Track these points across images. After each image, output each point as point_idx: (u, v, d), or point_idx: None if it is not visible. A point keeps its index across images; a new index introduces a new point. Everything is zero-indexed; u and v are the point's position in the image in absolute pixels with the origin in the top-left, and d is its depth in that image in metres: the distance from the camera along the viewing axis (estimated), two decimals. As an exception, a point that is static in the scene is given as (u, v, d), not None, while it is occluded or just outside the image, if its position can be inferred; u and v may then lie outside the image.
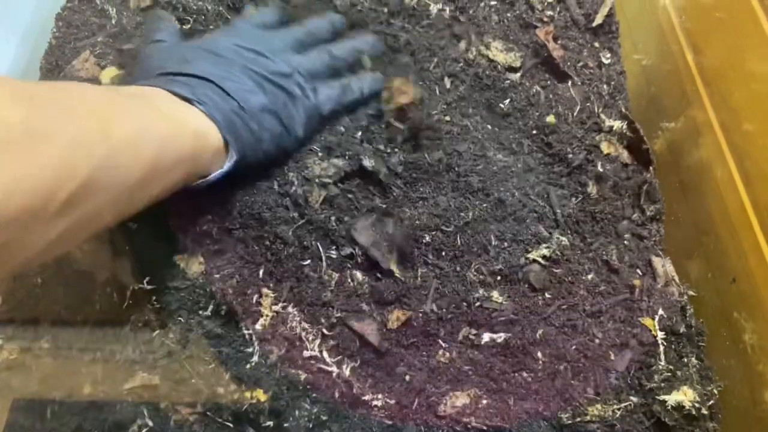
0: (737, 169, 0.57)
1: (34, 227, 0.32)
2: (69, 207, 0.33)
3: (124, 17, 0.64)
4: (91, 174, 0.34)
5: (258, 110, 0.47)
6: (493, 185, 0.58)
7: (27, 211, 0.31)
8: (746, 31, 0.57)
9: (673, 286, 0.57)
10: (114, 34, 0.64)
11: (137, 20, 0.64)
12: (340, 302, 0.52)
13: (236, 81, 0.46)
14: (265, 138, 0.49)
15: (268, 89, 0.48)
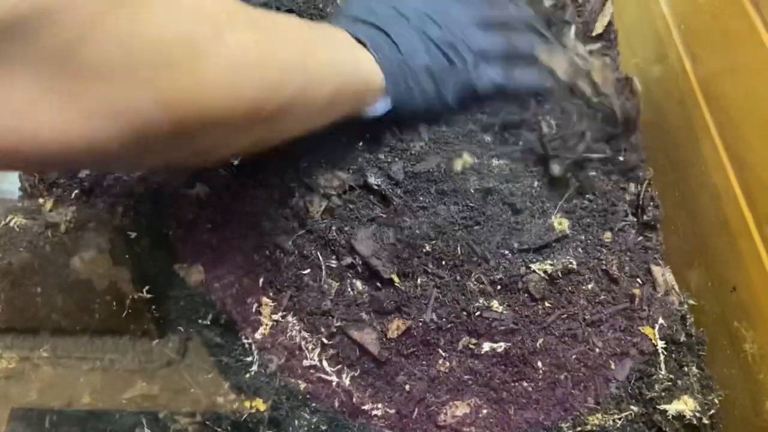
0: (736, 178, 0.57)
1: (247, 129, 0.40)
2: (269, 119, 0.40)
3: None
4: (291, 95, 0.41)
5: (419, 70, 0.52)
6: (493, 194, 0.58)
7: (245, 116, 0.38)
8: (743, 39, 0.57)
9: (673, 295, 0.57)
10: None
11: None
12: (339, 311, 0.52)
13: (408, 39, 0.51)
14: (418, 96, 0.53)
15: (433, 54, 0.52)
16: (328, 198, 0.56)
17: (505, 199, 0.58)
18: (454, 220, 0.56)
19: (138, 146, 0.34)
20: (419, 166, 0.58)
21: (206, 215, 0.54)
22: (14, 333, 0.53)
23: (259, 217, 0.54)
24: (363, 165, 0.58)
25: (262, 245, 0.53)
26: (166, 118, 0.34)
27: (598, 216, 0.59)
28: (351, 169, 0.57)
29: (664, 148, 0.68)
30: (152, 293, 0.51)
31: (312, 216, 0.55)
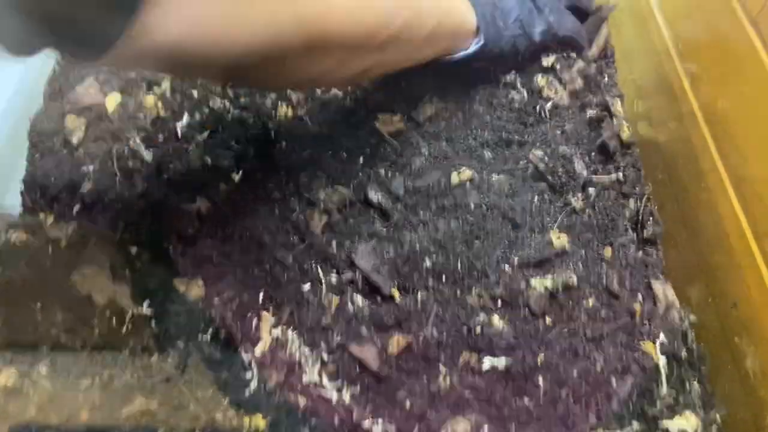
0: (735, 194, 0.57)
1: (362, 54, 0.47)
2: (382, 46, 0.47)
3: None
4: (400, 27, 0.47)
5: (507, 11, 0.58)
6: (492, 209, 0.58)
7: (362, 41, 0.45)
8: (742, 57, 0.58)
9: (674, 311, 0.56)
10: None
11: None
12: (339, 327, 0.52)
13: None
14: (507, 35, 0.59)
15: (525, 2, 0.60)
16: (328, 213, 0.56)
17: (504, 214, 0.58)
18: (454, 235, 0.56)
19: (278, 59, 0.41)
20: (419, 182, 0.59)
21: (207, 230, 0.54)
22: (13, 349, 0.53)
23: (260, 232, 0.54)
24: (363, 180, 0.58)
25: (262, 260, 0.53)
26: (302, 33, 0.40)
27: (598, 231, 0.60)
28: (352, 183, 0.58)
29: (662, 165, 0.68)
30: (152, 308, 0.51)
31: (312, 230, 0.55)
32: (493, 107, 0.65)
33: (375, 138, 0.61)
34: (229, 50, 0.39)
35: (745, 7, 0.58)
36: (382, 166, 0.59)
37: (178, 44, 0.36)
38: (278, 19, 0.39)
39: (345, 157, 0.60)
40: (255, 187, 0.57)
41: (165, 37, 0.35)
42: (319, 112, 0.63)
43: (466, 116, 0.64)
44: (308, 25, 0.41)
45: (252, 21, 0.39)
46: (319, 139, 0.61)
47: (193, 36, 0.36)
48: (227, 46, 0.38)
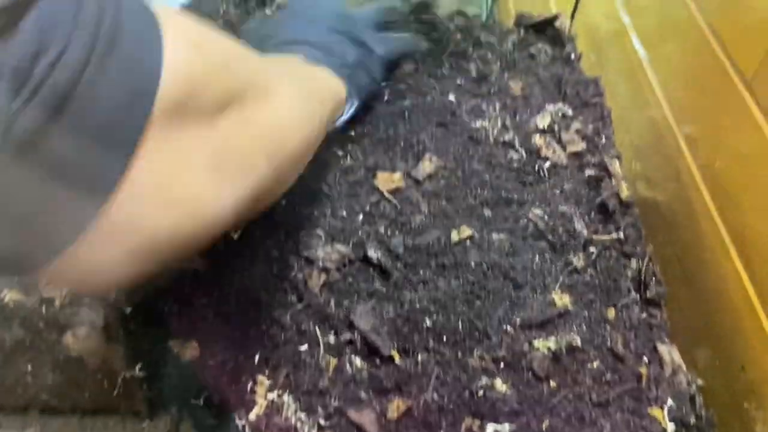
0: (738, 256, 0.57)
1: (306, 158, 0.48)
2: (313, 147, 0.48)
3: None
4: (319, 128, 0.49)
5: (354, 65, 0.60)
6: (493, 268, 0.58)
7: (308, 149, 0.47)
8: (737, 121, 0.59)
9: (681, 375, 0.55)
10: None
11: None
12: (337, 390, 0.51)
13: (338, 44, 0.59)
14: (364, 87, 0.62)
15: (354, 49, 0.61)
16: (327, 271, 0.55)
17: (505, 274, 0.58)
18: (454, 295, 0.55)
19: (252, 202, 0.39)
20: (419, 240, 0.58)
21: (203, 289, 0.53)
22: (3, 412, 0.51)
23: (257, 291, 0.53)
24: (363, 238, 0.58)
25: (259, 320, 0.52)
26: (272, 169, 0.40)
27: (601, 292, 0.59)
28: (351, 242, 0.57)
29: (663, 225, 0.68)
30: (145, 371, 0.50)
31: (311, 289, 0.54)
32: (492, 166, 0.66)
33: (374, 196, 0.62)
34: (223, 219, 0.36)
35: (739, 70, 0.59)
36: (381, 224, 0.59)
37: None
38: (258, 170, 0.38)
39: (344, 216, 0.60)
40: (253, 245, 0.57)
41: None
42: (318, 171, 0.63)
43: (466, 175, 0.65)
44: (275, 160, 0.40)
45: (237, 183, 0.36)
46: (318, 197, 0.61)
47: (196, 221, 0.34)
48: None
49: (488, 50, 0.79)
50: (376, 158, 0.65)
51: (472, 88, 0.74)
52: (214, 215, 0.35)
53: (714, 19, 0.64)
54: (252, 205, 0.39)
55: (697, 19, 0.67)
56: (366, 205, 0.61)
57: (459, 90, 0.73)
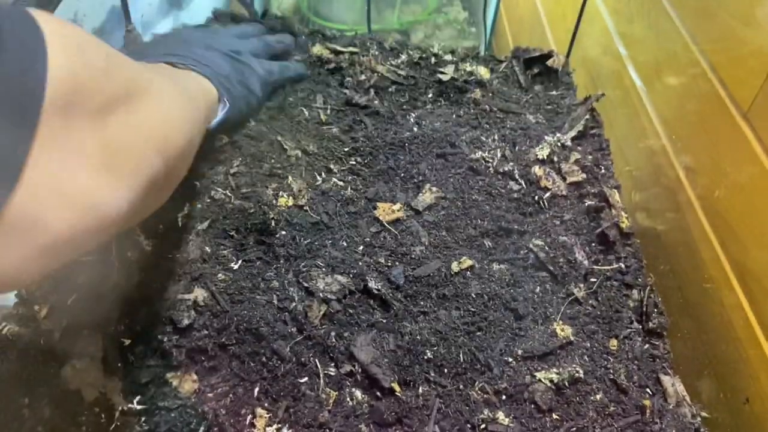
0: (740, 286, 0.56)
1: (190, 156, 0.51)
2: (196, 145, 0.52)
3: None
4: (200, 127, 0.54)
5: (227, 75, 0.63)
6: (495, 299, 0.57)
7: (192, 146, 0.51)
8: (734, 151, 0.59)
9: (685, 407, 0.54)
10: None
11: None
12: (338, 423, 0.50)
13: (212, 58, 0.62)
14: (238, 97, 0.64)
15: (231, 64, 0.65)
16: (327, 302, 0.55)
17: (506, 305, 0.57)
18: (455, 326, 0.55)
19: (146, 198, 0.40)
20: (420, 270, 0.58)
21: (203, 320, 0.53)
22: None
23: (257, 323, 0.53)
24: (363, 269, 0.58)
25: (258, 352, 0.52)
26: (162, 163, 0.42)
27: (602, 323, 0.58)
28: (351, 273, 0.57)
29: (664, 255, 0.68)
30: (142, 404, 0.49)
31: (311, 321, 0.54)
32: (492, 197, 0.66)
33: (375, 227, 0.62)
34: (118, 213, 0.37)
35: (736, 102, 0.59)
36: (381, 255, 0.59)
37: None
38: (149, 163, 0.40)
39: (344, 246, 0.60)
40: (253, 276, 0.57)
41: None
42: (318, 202, 0.63)
43: (466, 205, 0.65)
44: (165, 153, 0.43)
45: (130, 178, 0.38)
46: (318, 228, 0.61)
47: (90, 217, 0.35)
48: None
49: (486, 83, 0.80)
50: (377, 189, 0.65)
51: (470, 120, 0.74)
52: (110, 211, 0.36)
53: (710, 52, 0.65)
54: (146, 200, 0.41)
55: (694, 51, 0.68)
56: (366, 236, 0.61)
57: (458, 122, 0.74)
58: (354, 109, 0.74)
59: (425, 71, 0.82)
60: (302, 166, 0.66)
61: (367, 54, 0.82)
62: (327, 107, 0.74)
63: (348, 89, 0.77)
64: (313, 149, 0.68)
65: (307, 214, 0.62)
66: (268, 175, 0.64)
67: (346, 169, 0.67)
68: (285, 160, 0.66)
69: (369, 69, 0.79)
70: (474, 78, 0.80)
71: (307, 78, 0.78)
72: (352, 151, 0.69)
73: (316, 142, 0.69)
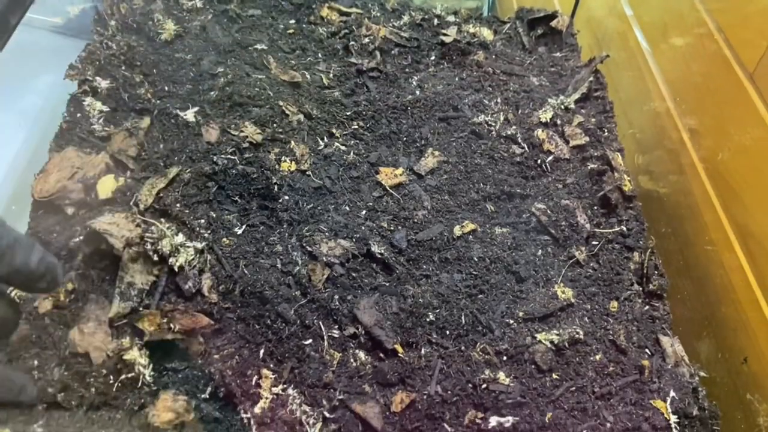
0: (740, 247, 0.57)
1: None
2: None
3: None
4: None
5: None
6: (496, 262, 0.58)
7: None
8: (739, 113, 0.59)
9: (684, 367, 0.55)
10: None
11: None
12: (342, 383, 0.51)
13: None
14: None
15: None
16: (330, 267, 0.56)
17: (508, 268, 0.58)
18: (457, 289, 0.56)
19: None
20: (422, 235, 0.58)
21: (208, 284, 0.54)
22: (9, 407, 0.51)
23: (262, 286, 0.53)
24: (366, 233, 0.58)
25: (263, 315, 0.53)
26: None
27: (603, 285, 0.59)
28: (354, 237, 0.57)
29: (665, 217, 0.68)
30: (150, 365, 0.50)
31: (315, 285, 0.54)
32: (495, 160, 0.66)
33: (377, 191, 0.62)
34: None
35: (741, 63, 0.59)
36: (384, 220, 0.59)
37: None
38: None
39: (347, 211, 0.60)
40: (257, 241, 0.57)
41: None
42: (321, 166, 0.63)
43: (468, 169, 0.65)
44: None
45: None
46: (321, 193, 0.61)
47: None
48: None
49: (489, 45, 0.79)
50: (379, 153, 0.65)
51: (473, 83, 0.74)
52: None
53: (717, 12, 0.64)
54: None
55: (700, 11, 0.66)
56: (369, 201, 0.61)
57: (461, 84, 0.73)
58: (356, 72, 0.73)
59: (428, 33, 0.81)
60: (304, 130, 0.66)
61: (370, 16, 0.81)
62: (329, 71, 0.73)
63: (351, 52, 0.76)
64: (315, 113, 0.68)
65: (309, 179, 0.62)
66: (270, 140, 0.64)
67: (349, 134, 0.67)
68: (287, 125, 0.66)
69: (372, 32, 0.78)
70: (477, 40, 0.79)
71: None
72: (355, 115, 0.68)
73: (318, 107, 0.69)
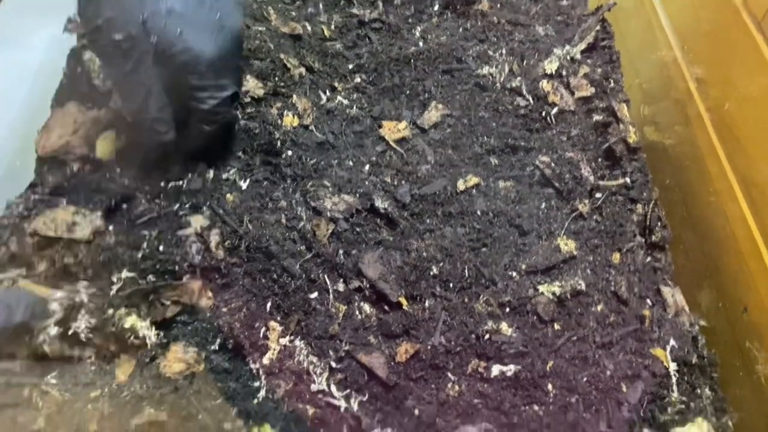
0: (744, 198, 0.57)
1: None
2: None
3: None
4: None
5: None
6: (499, 216, 0.58)
7: None
8: (747, 61, 0.58)
9: (684, 316, 0.56)
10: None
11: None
12: (347, 335, 0.52)
13: None
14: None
15: None
16: (335, 221, 0.56)
17: (511, 221, 0.58)
18: (461, 243, 0.56)
19: None
20: (425, 189, 0.59)
21: (214, 240, 0.54)
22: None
23: (267, 241, 0.54)
24: (370, 188, 0.58)
25: (269, 269, 0.54)
26: None
27: (606, 237, 0.59)
28: (358, 192, 0.58)
29: (670, 169, 0.68)
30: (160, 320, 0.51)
31: (319, 240, 0.55)
32: (499, 113, 0.65)
33: (380, 146, 0.62)
34: None
35: (751, 11, 0.57)
36: (387, 174, 0.59)
37: None
38: None
39: (350, 166, 0.60)
40: (261, 196, 0.58)
41: None
42: (324, 121, 0.63)
43: (472, 123, 0.64)
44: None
45: None
46: (324, 148, 0.61)
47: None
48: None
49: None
50: (382, 107, 0.65)
51: (477, 33, 0.72)
52: None
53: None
54: None
55: (710, -44, 0.65)
56: (372, 155, 0.61)
57: (464, 35, 0.72)
58: (358, 23, 0.72)
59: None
60: (306, 84, 0.65)
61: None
62: (331, 22, 0.72)
63: (352, 2, 0.74)
64: (317, 67, 0.67)
65: (312, 134, 0.61)
66: (272, 95, 0.64)
67: (351, 87, 0.66)
68: (289, 79, 0.65)
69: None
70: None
71: None
72: (357, 68, 0.68)
73: (320, 59, 0.68)
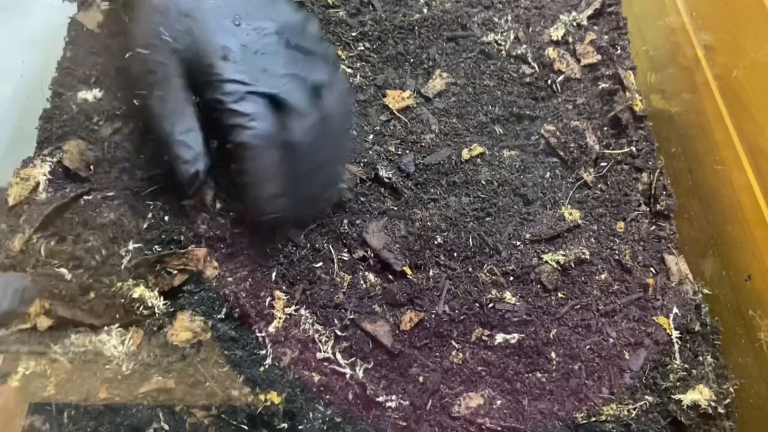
0: (750, 166, 0.56)
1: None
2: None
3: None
4: None
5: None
6: (504, 185, 0.58)
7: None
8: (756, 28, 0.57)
9: (688, 284, 0.56)
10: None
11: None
12: (352, 304, 0.52)
13: None
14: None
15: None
16: (339, 191, 0.56)
17: (516, 190, 0.58)
18: (465, 212, 0.56)
19: None
20: (430, 158, 0.58)
21: (220, 209, 0.54)
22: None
23: (272, 211, 0.54)
24: (374, 157, 0.58)
25: (274, 239, 0.54)
26: None
27: (611, 206, 0.59)
28: (362, 161, 0.57)
29: (676, 137, 0.67)
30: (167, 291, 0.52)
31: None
32: (504, 81, 0.65)
33: (384, 115, 0.61)
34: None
35: (762, -26, 0.56)
36: (392, 144, 0.59)
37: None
38: None
39: (354, 135, 0.60)
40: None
41: None
42: (327, 90, 0.62)
43: (477, 91, 0.64)
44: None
45: None
46: (328, 116, 0.61)
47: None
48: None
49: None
50: (386, 75, 0.64)
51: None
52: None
53: None
54: None
55: None
56: (376, 125, 0.61)
57: (469, 1, 0.71)
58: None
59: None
60: (309, 52, 0.65)
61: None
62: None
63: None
64: (320, 34, 0.66)
65: (315, 103, 0.61)
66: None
67: (355, 56, 0.66)
68: (291, 47, 0.64)
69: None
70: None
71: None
72: (360, 36, 0.67)
73: (323, 27, 0.67)
